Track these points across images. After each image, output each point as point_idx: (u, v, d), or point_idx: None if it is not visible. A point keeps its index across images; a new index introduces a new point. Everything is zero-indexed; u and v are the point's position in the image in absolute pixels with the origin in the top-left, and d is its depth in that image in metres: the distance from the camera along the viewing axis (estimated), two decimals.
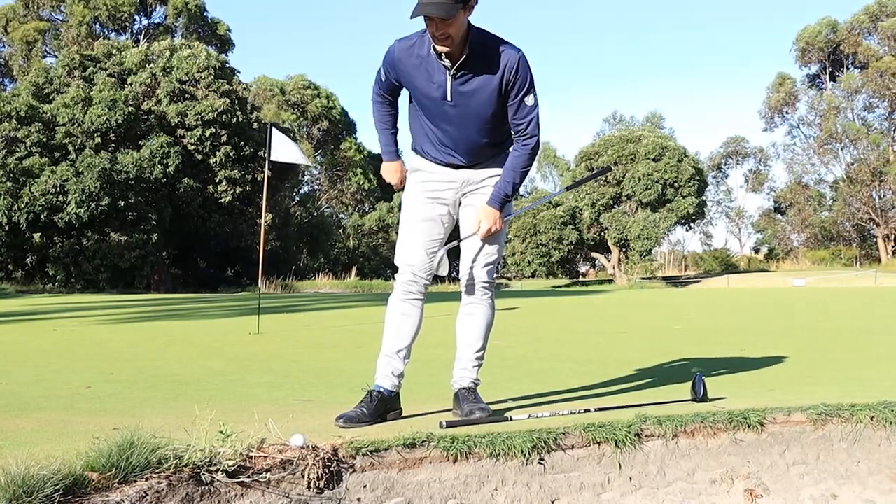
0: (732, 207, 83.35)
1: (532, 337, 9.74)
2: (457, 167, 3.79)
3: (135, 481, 2.55)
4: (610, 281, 56.48)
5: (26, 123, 36.40)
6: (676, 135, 75.07)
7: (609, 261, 59.40)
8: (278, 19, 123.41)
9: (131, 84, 39.91)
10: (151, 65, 40.44)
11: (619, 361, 6.63)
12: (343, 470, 2.91)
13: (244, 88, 44.75)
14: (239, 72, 45.43)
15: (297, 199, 58.61)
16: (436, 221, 3.79)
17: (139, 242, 36.67)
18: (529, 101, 3.63)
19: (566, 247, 55.61)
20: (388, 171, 3.95)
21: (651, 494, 3.26)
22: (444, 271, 3.77)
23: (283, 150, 10.74)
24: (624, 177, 54.37)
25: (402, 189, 3.93)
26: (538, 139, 3.71)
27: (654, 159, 53.74)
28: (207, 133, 39.26)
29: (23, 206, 34.23)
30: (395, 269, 3.80)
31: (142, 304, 20.14)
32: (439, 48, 3.48)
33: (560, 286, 53.32)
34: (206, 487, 2.66)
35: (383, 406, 3.66)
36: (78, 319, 13.86)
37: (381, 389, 3.69)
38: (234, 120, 39.87)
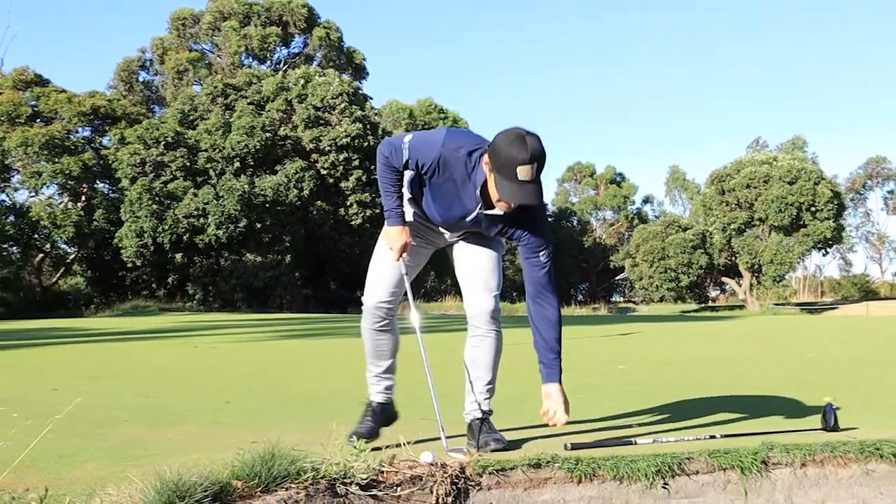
0: (873, 232, 79.67)
1: (658, 363, 9.62)
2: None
3: (276, 490, 2.73)
4: (741, 307, 54.81)
5: (172, 149, 38.30)
6: (819, 158, 71.91)
7: (740, 286, 57.67)
8: (409, 42, 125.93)
9: (268, 111, 41.47)
10: (287, 92, 41.90)
11: (747, 388, 6.50)
12: (470, 487, 3.01)
13: (375, 114, 45.78)
14: (371, 97, 46.54)
15: None
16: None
17: (273, 263, 37.99)
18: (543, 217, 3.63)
19: (696, 271, 54.39)
20: (395, 235, 3.74)
21: None
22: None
23: None
24: (756, 199, 52.74)
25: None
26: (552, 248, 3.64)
27: (788, 182, 51.86)
28: (340, 158, 40.40)
29: (166, 227, 36.04)
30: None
31: (275, 324, 20.84)
32: (497, 209, 3.44)
33: (689, 311, 52.12)
34: (341, 499, 2.81)
35: (386, 414, 3.92)
36: (216, 337, 14.49)
37: (379, 401, 3.92)
38: (366, 144, 40.85)
